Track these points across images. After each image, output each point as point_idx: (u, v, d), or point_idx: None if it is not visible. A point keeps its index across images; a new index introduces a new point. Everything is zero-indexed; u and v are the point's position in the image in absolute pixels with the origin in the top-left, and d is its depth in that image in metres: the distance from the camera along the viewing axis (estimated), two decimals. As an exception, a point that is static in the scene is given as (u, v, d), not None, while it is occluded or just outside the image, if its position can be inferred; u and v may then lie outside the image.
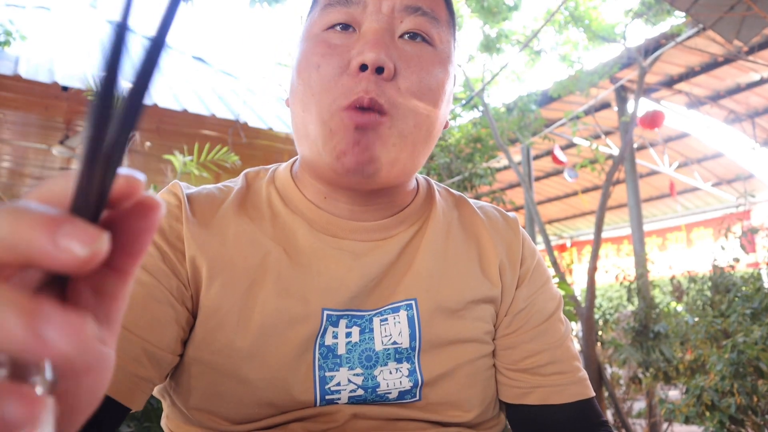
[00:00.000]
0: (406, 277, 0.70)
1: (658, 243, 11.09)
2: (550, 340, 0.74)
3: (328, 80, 0.62)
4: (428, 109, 0.65)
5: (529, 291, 0.76)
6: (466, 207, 0.80)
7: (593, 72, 5.54)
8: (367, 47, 0.61)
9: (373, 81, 0.61)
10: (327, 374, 0.65)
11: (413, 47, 0.64)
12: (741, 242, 4.56)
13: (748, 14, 2.99)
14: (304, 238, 0.68)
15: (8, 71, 4.54)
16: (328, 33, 0.65)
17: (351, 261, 0.68)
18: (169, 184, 0.71)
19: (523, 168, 7.18)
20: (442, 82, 0.66)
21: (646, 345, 4.29)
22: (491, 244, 0.76)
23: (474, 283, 0.72)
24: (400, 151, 0.63)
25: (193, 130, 5.69)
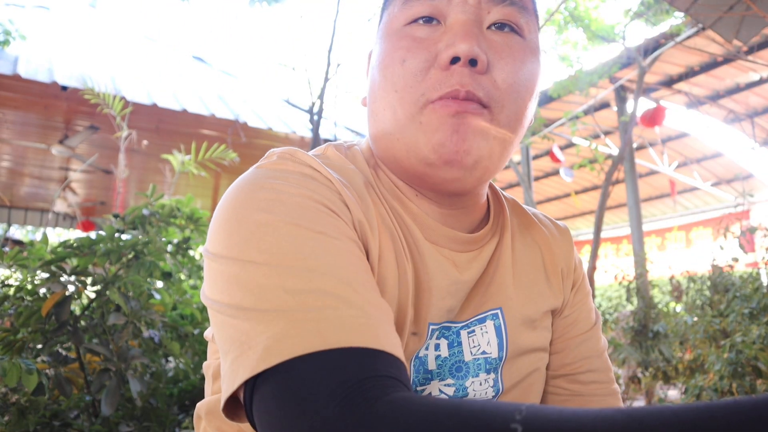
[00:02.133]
0: (492, 287, 0.68)
1: (658, 243, 11.10)
2: (593, 349, 0.74)
3: (414, 74, 0.58)
4: (525, 102, 0.61)
5: (578, 298, 0.76)
6: (523, 212, 0.78)
7: (593, 72, 5.54)
8: (458, 39, 0.57)
9: (467, 74, 0.56)
10: (419, 389, 0.62)
11: (503, 38, 0.60)
12: (740, 242, 4.56)
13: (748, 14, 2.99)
14: (420, 239, 0.63)
15: (8, 71, 4.55)
16: (411, 27, 0.61)
17: (455, 271, 0.64)
18: (284, 151, 0.61)
19: (522, 168, 7.18)
20: (535, 74, 0.62)
21: (645, 345, 4.29)
22: (550, 252, 0.75)
23: (546, 292, 0.72)
24: (498, 145, 0.59)
25: (192, 130, 5.69)
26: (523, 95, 0.60)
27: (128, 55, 6.65)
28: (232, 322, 0.46)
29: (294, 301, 0.44)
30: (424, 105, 0.57)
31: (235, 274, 0.48)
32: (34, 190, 8.40)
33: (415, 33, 0.60)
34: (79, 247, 1.62)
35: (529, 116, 0.64)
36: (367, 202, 0.60)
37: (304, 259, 0.47)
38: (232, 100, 6.01)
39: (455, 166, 0.57)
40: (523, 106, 0.60)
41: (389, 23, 0.64)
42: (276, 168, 0.57)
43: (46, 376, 1.38)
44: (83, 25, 7.45)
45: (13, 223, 9.59)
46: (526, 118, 0.63)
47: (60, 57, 5.38)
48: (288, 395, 0.39)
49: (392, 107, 0.59)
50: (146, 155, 6.02)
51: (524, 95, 0.60)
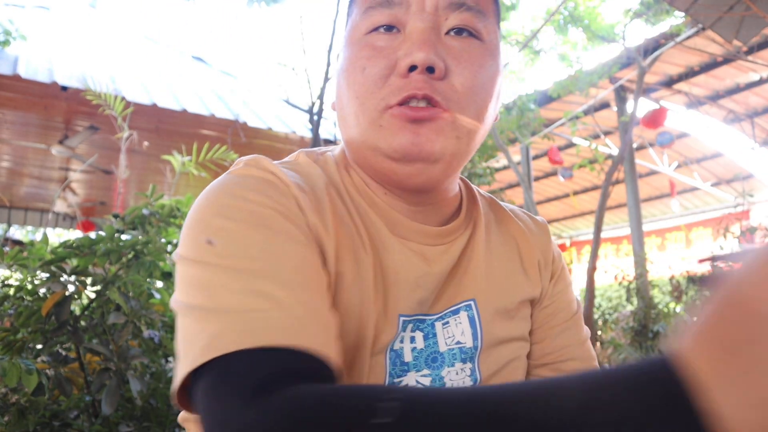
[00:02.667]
0: (464, 279, 0.70)
1: (657, 243, 11.10)
2: (574, 338, 0.76)
3: (375, 81, 0.61)
4: (485, 103, 0.63)
5: (557, 289, 0.78)
6: (500, 209, 0.81)
7: (593, 72, 5.55)
8: (415, 47, 0.59)
9: (424, 80, 0.59)
10: (396, 381, 0.64)
11: (461, 43, 0.63)
12: (740, 242, 4.56)
13: (748, 14, 3.00)
14: (386, 235, 0.66)
15: (8, 71, 4.55)
16: (371, 36, 0.63)
17: (426, 266, 0.66)
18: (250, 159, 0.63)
19: (522, 168, 7.18)
20: (494, 76, 0.65)
21: (645, 345, 4.30)
22: (529, 245, 0.77)
23: (522, 283, 0.74)
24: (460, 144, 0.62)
25: (192, 130, 5.69)
26: (482, 97, 0.63)
27: (128, 55, 6.65)
28: (185, 321, 0.49)
29: (235, 301, 0.48)
30: (384, 109, 0.60)
31: (191, 275, 0.52)
32: (34, 191, 8.40)
33: (375, 42, 0.63)
34: (79, 247, 1.62)
35: (492, 115, 0.67)
36: (323, 204, 0.62)
37: (251, 261, 0.51)
38: (232, 100, 6.01)
39: (417, 162, 0.61)
40: (482, 106, 0.63)
41: (351, 31, 0.66)
42: (240, 174, 0.60)
43: (46, 376, 1.38)
44: (83, 25, 7.46)
45: (13, 223, 9.59)
46: (488, 117, 0.65)
47: (60, 57, 5.38)
48: (212, 389, 0.43)
49: (355, 114, 0.62)
50: (146, 155, 6.02)
51: (483, 96, 0.63)
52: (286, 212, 0.56)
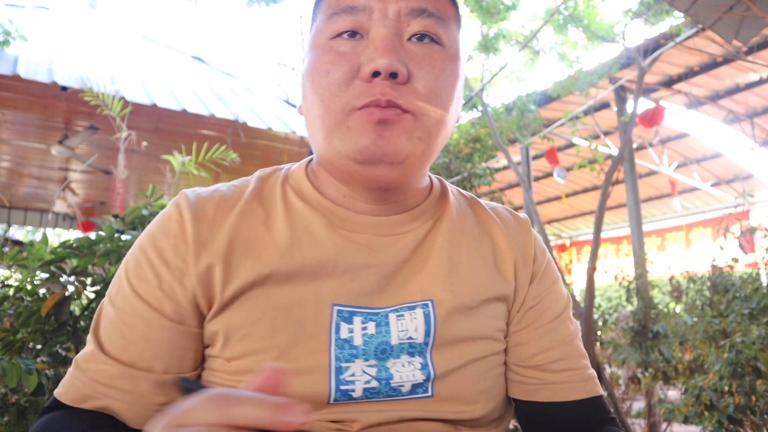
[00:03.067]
0: (422, 276, 0.71)
1: (657, 243, 11.10)
2: (560, 337, 0.76)
3: (339, 85, 0.63)
4: (447, 105, 0.66)
5: (540, 288, 0.78)
6: (479, 207, 0.82)
7: (592, 72, 5.54)
8: (378, 53, 0.61)
9: (388, 85, 0.61)
10: (343, 365, 0.65)
11: (423, 48, 0.65)
12: (740, 242, 4.56)
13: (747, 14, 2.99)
14: (320, 231, 0.69)
15: (7, 71, 4.54)
16: (335, 41, 0.65)
17: (367, 257, 0.69)
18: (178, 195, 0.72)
19: (522, 168, 7.18)
20: (454, 80, 0.67)
21: (645, 345, 4.29)
22: (505, 243, 0.77)
23: (489, 281, 0.73)
24: (423, 145, 0.65)
25: (192, 130, 5.69)
26: (444, 100, 0.65)
27: (128, 55, 6.65)
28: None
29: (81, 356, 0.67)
30: (350, 111, 0.62)
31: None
32: (34, 191, 8.40)
33: (339, 47, 0.65)
34: (78, 248, 1.62)
35: (454, 117, 0.69)
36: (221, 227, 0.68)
37: (109, 313, 0.67)
38: (232, 100, 6.01)
39: (381, 165, 0.63)
40: (444, 108, 0.65)
41: (316, 36, 0.68)
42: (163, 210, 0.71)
43: (45, 376, 1.38)
44: (83, 25, 7.45)
45: (13, 223, 9.58)
46: (450, 119, 0.68)
47: (60, 57, 5.37)
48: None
49: (320, 117, 0.64)
50: (146, 156, 6.02)
51: (445, 99, 0.65)
52: (161, 263, 0.66)
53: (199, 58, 7.82)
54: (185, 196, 0.70)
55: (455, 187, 0.85)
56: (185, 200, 0.70)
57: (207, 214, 0.69)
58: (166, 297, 0.65)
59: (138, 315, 0.65)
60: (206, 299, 0.66)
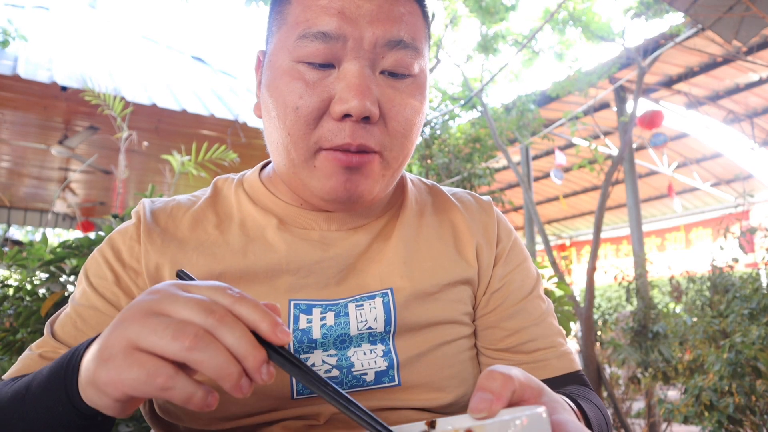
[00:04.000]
0: (380, 266, 0.71)
1: (657, 243, 11.09)
2: (530, 317, 0.75)
3: (308, 122, 0.62)
4: (413, 137, 0.68)
5: (506, 270, 0.77)
6: (439, 194, 0.82)
7: (592, 72, 5.54)
8: (351, 94, 0.60)
9: (359, 128, 0.61)
10: (302, 356, 0.65)
11: (394, 84, 0.65)
12: (740, 242, 4.56)
13: (747, 14, 2.99)
14: (273, 232, 0.71)
15: (7, 71, 4.54)
16: (302, 65, 0.63)
17: (320, 252, 0.70)
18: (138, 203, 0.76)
19: (522, 168, 7.18)
20: (421, 110, 0.68)
21: (645, 345, 4.29)
22: (466, 226, 0.77)
23: (449, 265, 0.73)
24: (387, 179, 0.67)
25: (192, 130, 5.69)
26: (411, 135, 0.67)
27: (128, 55, 6.65)
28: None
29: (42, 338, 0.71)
30: (317, 151, 0.63)
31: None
32: (34, 191, 8.39)
33: (307, 75, 0.62)
34: (78, 248, 1.62)
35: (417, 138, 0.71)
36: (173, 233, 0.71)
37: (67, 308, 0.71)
38: (232, 100, 6.00)
39: (345, 205, 0.66)
40: (410, 143, 0.68)
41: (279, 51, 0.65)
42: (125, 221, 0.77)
43: (45, 376, 1.38)
44: (83, 25, 7.45)
45: (13, 223, 9.58)
46: (413, 148, 0.70)
47: (60, 57, 5.37)
48: None
49: (286, 147, 0.65)
50: (146, 156, 6.02)
51: (412, 134, 0.67)
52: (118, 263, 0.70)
53: (199, 58, 7.81)
54: (143, 205, 0.74)
55: (417, 176, 0.86)
56: (143, 208, 0.74)
57: (160, 221, 0.72)
58: (123, 293, 0.69)
59: (93, 308, 0.68)
60: None
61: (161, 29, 28.25)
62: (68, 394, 0.47)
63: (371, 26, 0.62)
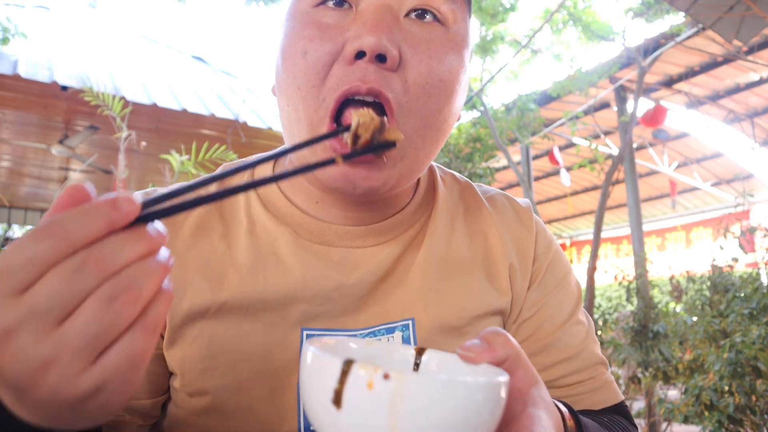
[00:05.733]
0: (403, 292, 0.62)
1: (658, 243, 11.09)
2: (567, 350, 0.64)
3: (316, 70, 0.53)
4: (440, 104, 0.54)
5: (540, 294, 0.67)
6: (473, 198, 0.71)
7: (592, 72, 5.54)
8: (366, 29, 0.50)
9: (372, 70, 0.51)
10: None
11: (421, 29, 0.54)
12: (740, 242, 4.56)
13: (748, 14, 2.99)
14: (286, 248, 0.60)
15: (7, 71, 4.54)
16: (318, 10, 0.54)
17: (341, 276, 0.60)
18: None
19: (522, 168, 7.17)
20: (456, 72, 0.55)
21: (645, 345, 4.29)
22: (500, 244, 0.66)
23: (480, 294, 0.63)
24: (409, 162, 0.55)
25: (192, 130, 5.68)
26: (436, 98, 0.54)
27: (128, 55, 6.64)
28: None
29: None
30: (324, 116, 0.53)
31: None
32: (34, 190, 8.39)
33: (322, 18, 0.54)
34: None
35: (452, 116, 0.58)
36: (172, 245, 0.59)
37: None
38: (232, 100, 6.00)
39: (355, 194, 0.55)
40: (435, 109, 0.55)
41: (296, 2, 0.57)
42: None
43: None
44: (83, 24, 7.45)
45: (13, 223, 9.58)
46: (445, 121, 0.57)
47: (60, 57, 5.37)
48: None
49: (296, 108, 0.55)
50: (146, 155, 6.01)
51: (438, 97, 0.54)
52: None
53: (199, 58, 7.81)
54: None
55: (449, 172, 0.74)
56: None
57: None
58: None
59: None
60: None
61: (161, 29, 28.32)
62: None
63: None
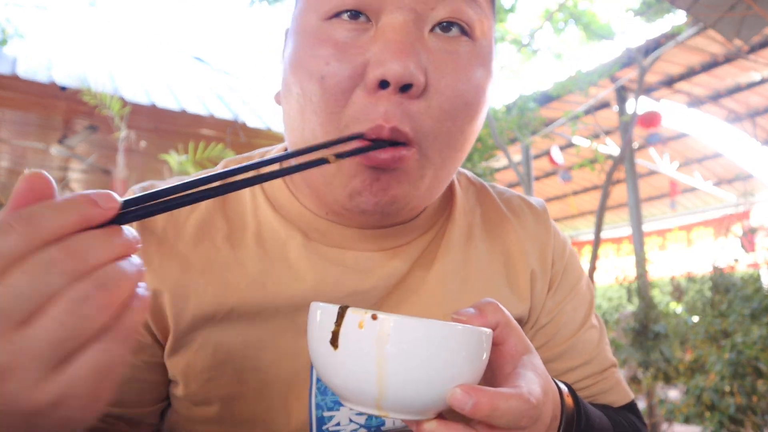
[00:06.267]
0: (420, 299, 0.59)
1: (658, 243, 11.08)
2: (582, 356, 0.64)
3: (336, 97, 0.48)
4: (463, 126, 0.51)
5: (556, 299, 0.66)
6: (490, 201, 0.68)
7: (593, 71, 5.53)
8: (389, 54, 0.46)
9: (396, 102, 0.47)
10: (325, 414, 0.56)
11: (448, 45, 0.50)
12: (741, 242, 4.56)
13: (749, 14, 2.98)
14: (296, 251, 0.57)
15: (6, 71, 4.54)
16: (331, 24, 0.49)
17: (356, 282, 0.57)
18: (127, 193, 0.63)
19: (522, 168, 7.16)
20: (482, 88, 0.52)
21: (645, 345, 4.28)
22: (520, 251, 0.64)
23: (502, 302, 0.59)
24: (428, 182, 0.52)
25: (191, 130, 5.68)
26: (460, 121, 0.51)
27: (127, 55, 6.64)
28: None
29: None
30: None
31: None
32: (34, 191, 8.39)
33: (337, 34, 0.49)
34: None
35: (473, 133, 0.55)
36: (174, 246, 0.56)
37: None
38: (232, 100, 6.00)
39: (376, 215, 0.52)
40: (459, 132, 0.51)
41: (305, 12, 0.52)
42: None
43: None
44: (82, 24, 7.45)
45: (13, 223, 9.59)
46: (466, 140, 0.54)
47: (59, 57, 5.37)
48: None
49: (313, 132, 0.51)
50: (145, 155, 6.01)
51: (462, 120, 0.51)
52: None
53: (199, 58, 7.81)
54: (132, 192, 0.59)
55: (463, 172, 0.71)
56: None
57: (157, 225, 0.57)
58: None
59: None
60: (159, 329, 0.56)
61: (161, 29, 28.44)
62: None
63: None
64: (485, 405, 0.38)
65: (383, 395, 0.39)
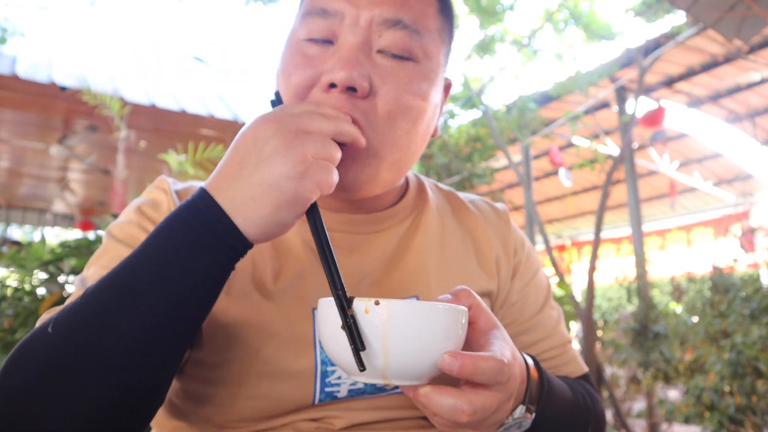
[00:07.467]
0: (404, 273, 0.70)
1: (658, 243, 11.08)
2: (544, 331, 0.77)
3: (297, 92, 0.63)
4: (406, 127, 0.64)
5: (522, 283, 0.78)
6: (457, 201, 0.82)
7: (593, 72, 5.53)
8: (339, 65, 0.60)
9: (344, 99, 0.60)
10: (328, 368, 0.64)
11: (391, 63, 0.63)
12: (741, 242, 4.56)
13: (749, 14, 2.98)
14: (294, 233, 0.69)
15: (6, 71, 4.54)
16: (306, 43, 0.65)
17: (343, 258, 0.68)
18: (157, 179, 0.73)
19: (522, 168, 7.17)
20: (424, 96, 0.65)
21: (645, 345, 4.29)
22: (485, 237, 0.77)
23: (473, 276, 0.74)
24: (377, 170, 0.64)
25: (191, 130, 5.68)
26: (401, 122, 0.63)
27: (127, 55, 6.65)
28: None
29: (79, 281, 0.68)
30: None
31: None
32: (33, 190, 8.38)
33: (308, 50, 0.64)
34: (77, 248, 1.61)
35: (427, 131, 0.68)
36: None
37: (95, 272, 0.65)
38: (231, 101, 6.00)
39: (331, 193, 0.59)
40: (401, 132, 0.63)
41: (292, 32, 0.68)
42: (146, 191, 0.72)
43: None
44: (82, 25, 7.45)
45: (11, 222, 9.57)
46: (412, 142, 0.66)
47: (59, 57, 5.37)
48: None
49: None
50: (145, 155, 6.02)
51: (405, 121, 0.63)
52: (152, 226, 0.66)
53: (198, 58, 7.81)
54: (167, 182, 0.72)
55: (431, 181, 0.86)
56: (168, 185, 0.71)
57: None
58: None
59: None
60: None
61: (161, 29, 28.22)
62: (220, 239, 0.50)
63: (370, 4, 0.62)
64: (469, 365, 0.48)
65: (388, 366, 0.48)
